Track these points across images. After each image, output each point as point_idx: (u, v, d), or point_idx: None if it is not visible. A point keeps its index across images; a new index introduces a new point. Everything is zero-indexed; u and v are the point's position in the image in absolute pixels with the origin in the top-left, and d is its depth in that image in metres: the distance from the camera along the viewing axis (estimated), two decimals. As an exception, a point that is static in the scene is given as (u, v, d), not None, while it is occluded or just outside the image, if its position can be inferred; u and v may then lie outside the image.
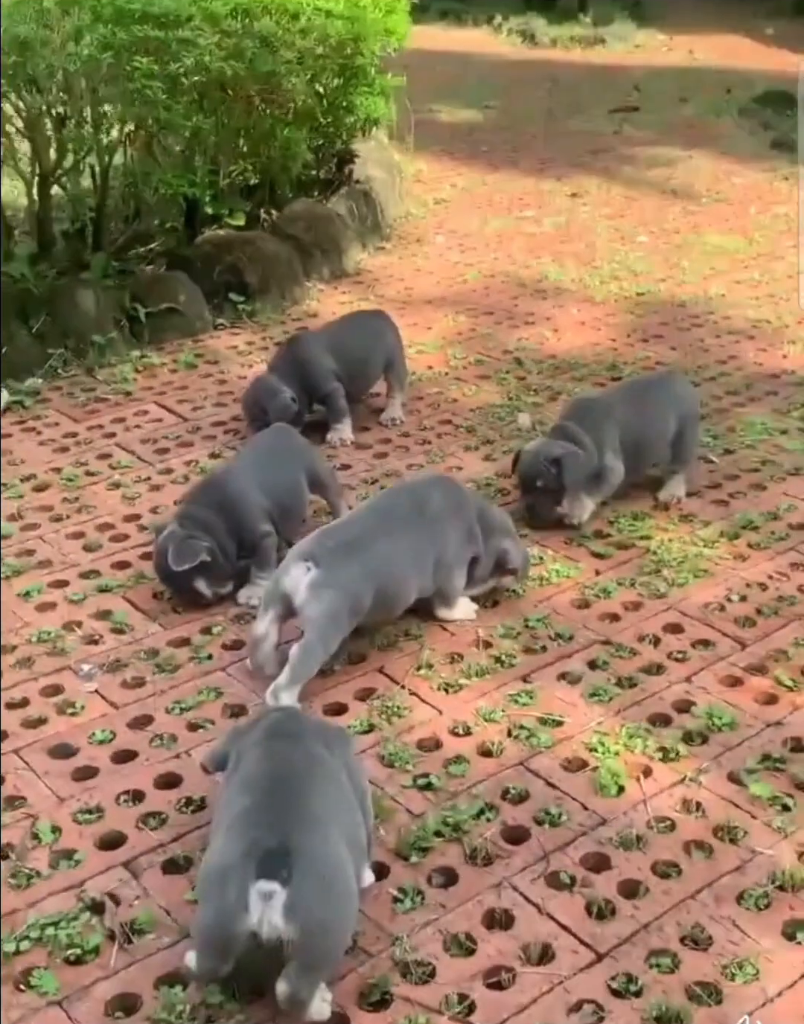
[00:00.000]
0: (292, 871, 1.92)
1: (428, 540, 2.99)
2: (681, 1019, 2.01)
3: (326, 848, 2.01)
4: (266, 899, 1.92)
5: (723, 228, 6.63)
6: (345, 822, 2.12)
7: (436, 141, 8.73)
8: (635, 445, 3.57)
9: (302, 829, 2.01)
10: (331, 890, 1.98)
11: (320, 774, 2.18)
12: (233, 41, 4.80)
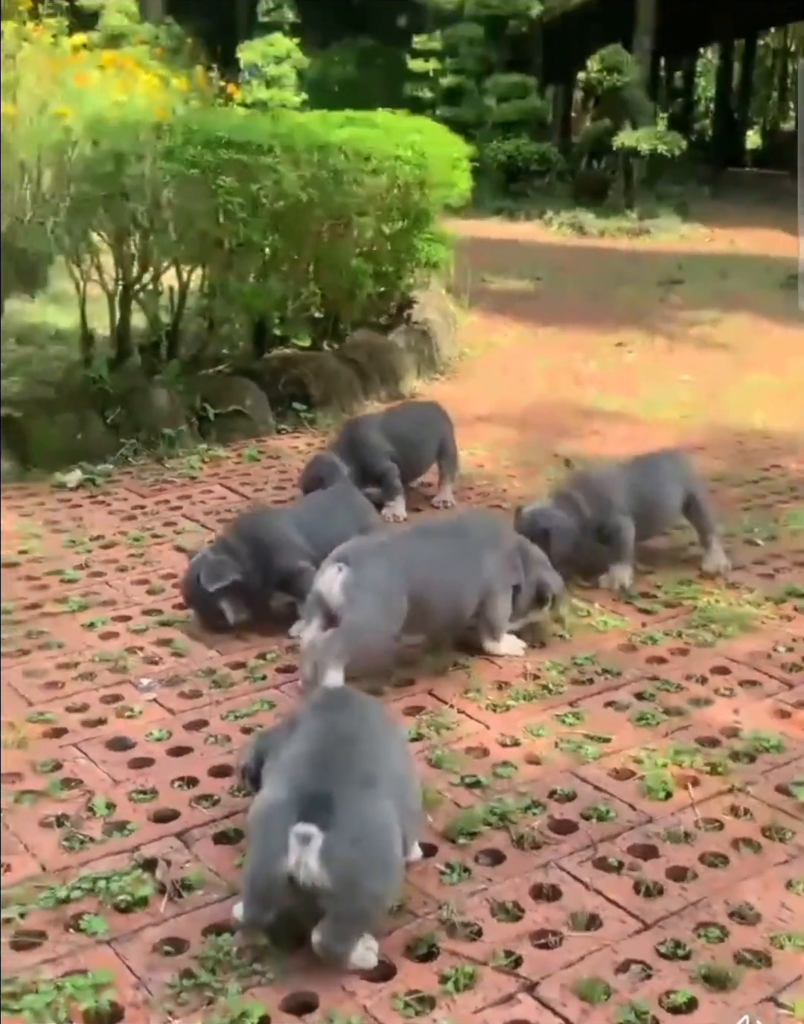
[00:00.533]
0: (332, 817, 1.96)
1: (468, 560, 3.10)
2: (731, 978, 2.00)
3: (370, 803, 2.04)
4: (304, 842, 1.96)
5: (761, 370, 6.93)
6: (395, 787, 2.15)
7: (489, 303, 9.25)
8: (638, 513, 3.68)
9: (348, 781, 2.05)
10: (370, 843, 2.00)
11: (373, 737, 2.25)
12: (309, 171, 5.26)
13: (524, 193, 18.88)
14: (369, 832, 2.01)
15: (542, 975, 2.02)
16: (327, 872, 1.95)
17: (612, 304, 9.39)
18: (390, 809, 2.06)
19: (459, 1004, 1.95)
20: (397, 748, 2.28)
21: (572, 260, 12.24)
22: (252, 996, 1.96)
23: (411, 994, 1.97)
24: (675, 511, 3.80)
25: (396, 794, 2.12)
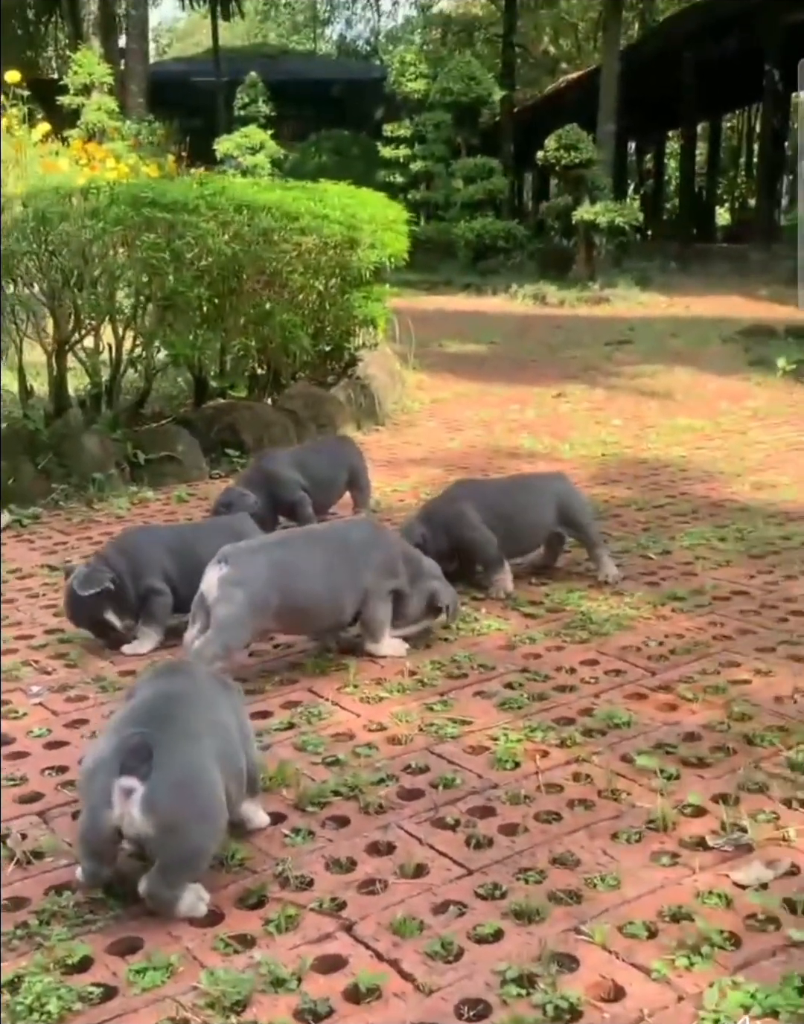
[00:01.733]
0: (151, 767, 2.04)
1: (345, 564, 3.24)
2: (539, 913, 2.09)
3: (191, 754, 2.13)
4: (127, 795, 2.04)
5: (693, 415, 7.13)
6: (220, 745, 2.21)
7: (440, 364, 9.54)
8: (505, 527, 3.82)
9: (169, 733, 2.13)
10: (191, 792, 2.08)
11: (199, 696, 2.31)
12: (234, 228, 5.52)
13: (493, 270, 19.41)
14: (188, 780, 2.10)
15: (361, 916, 2.11)
16: (149, 821, 2.04)
17: (559, 363, 9.66)
18: (212, 760, 2.16)
19: (278, 943, 2.04)
20: (227, 710, 2.37)
21: (529, 326, 12.58)
22: (80, 942, 2.05)
23: (234, 937, 2.06)
24: (544, 527, 3.93)
25: (223, 752, 2.22)
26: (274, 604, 3.08)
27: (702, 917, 2.05)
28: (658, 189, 36.14)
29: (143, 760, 2.06)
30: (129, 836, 2.09)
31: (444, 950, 2.00)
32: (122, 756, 2.08)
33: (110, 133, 20.25)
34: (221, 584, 3.03)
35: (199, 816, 2.11)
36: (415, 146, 22.71)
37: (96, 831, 2.11)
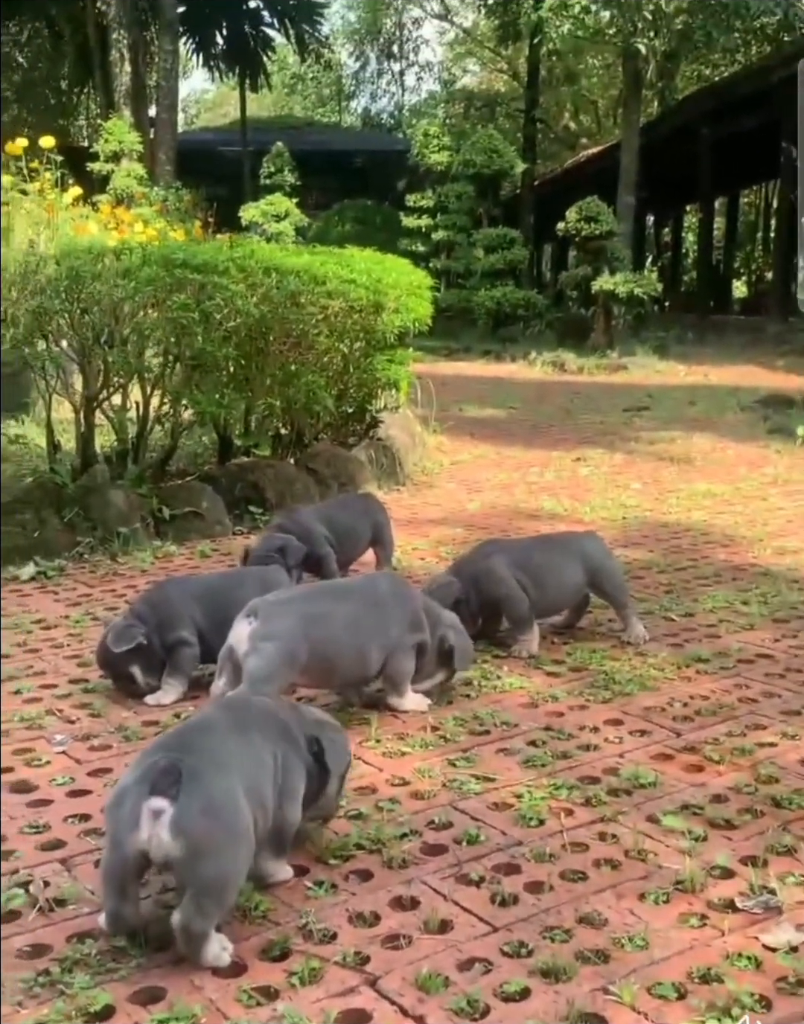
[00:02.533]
0: (180, 789, 2.04)
1: (373, 618, 3.25)
2: (566, 972, 2.07)
3: (221, 779, 2.12)
4: (156, 816, 2.04)
5: (712, 480, 7.16)
6: (251, 781, 2.20)
7: (460, 427, 9.62)
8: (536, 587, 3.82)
9: (200, 758, 2.14)
10: (220, 815, 2.08)
11: (235, 731, 2.30)
12: (262, 290, 5.62)
13: (512, 338, 19.63)
14: (217, 804, 2.09)
15: (386, 971, 2.09)
16: (178, 843, 2.03)
17: (578, 427, 9.73)
18: (240, 790, 2.15)
19: (301, 996, 2.02)
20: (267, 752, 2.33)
21: (547, 392, 12.68)
22: (102, 990, 2.03)
23: (257, 988, 2.04)
24: (575, 586, 3.94)
25: (253, 783, 2.20)
26: (303, 658, 3.09)
27: (732, 979, 2.03)
28: (676, 261, 36.61)
29: (173, 782, 2.06)
30: (157, 860, 2.08)
31: (470, 1007, 1.97)
32: (152, 778, 2.08)
33: (138, 199, 20.68)
34: (251, 638, 3.04)
35: (227, 840, 2.10)
36: (437, 216, 23.11)
37: (121, 857, 2.10)
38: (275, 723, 2.42)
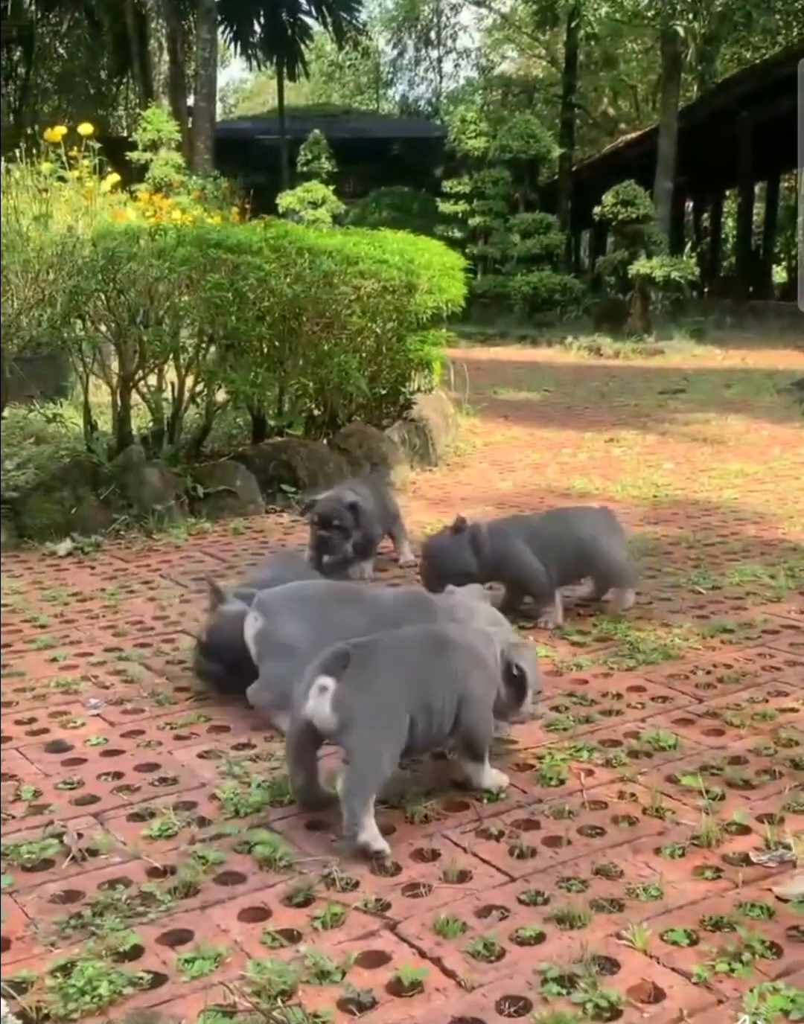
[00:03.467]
0: (346, 672, 2.38)
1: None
2: (581, 919, 2.12)
3: (383, 671, 2.45)
4: (321, 691, 2.37)
5: (745, 460, 7.15)
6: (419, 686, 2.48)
7: (494, 409, 9.65)
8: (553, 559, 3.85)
9: (372, 652, 2.47)
10: (374, 696, 2.40)
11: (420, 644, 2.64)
12: (296, 270, 5.68)
13: (548, 323, 19.58)
14: (373, 688, 2.40)
15: (405, 916, 2.15)
16: (335, 716, 2.36)
17: (612, 410, 9.72)
18: (401, 685, 2.44)
19: (323, 938, 2.09)
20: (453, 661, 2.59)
21: (582, 376, 12.67)
22: (131, 932, 2.11)
23: (281, 932, 2.11)
24: (579, 559, 3.95)
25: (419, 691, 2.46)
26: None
27: (744, 927, 2.07)
28: (715, 247, 36.27)
29: (341, 665, 2.39)
30: (322, 730, 2.41)
31: (486, 950, 2.03)
32: (325, 661, 2.41)
33: (176, 187, 20.81)
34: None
35: (377, 719, 2.39)
36: (474, 202, 23.06)
37: (295, 727, 2.46)
38: (462, 643, 2.67)
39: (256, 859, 2.36)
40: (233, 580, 4.50)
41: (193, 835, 2.46)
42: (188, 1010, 1.87)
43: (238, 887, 2.27)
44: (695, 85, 35.14)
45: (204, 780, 2.75)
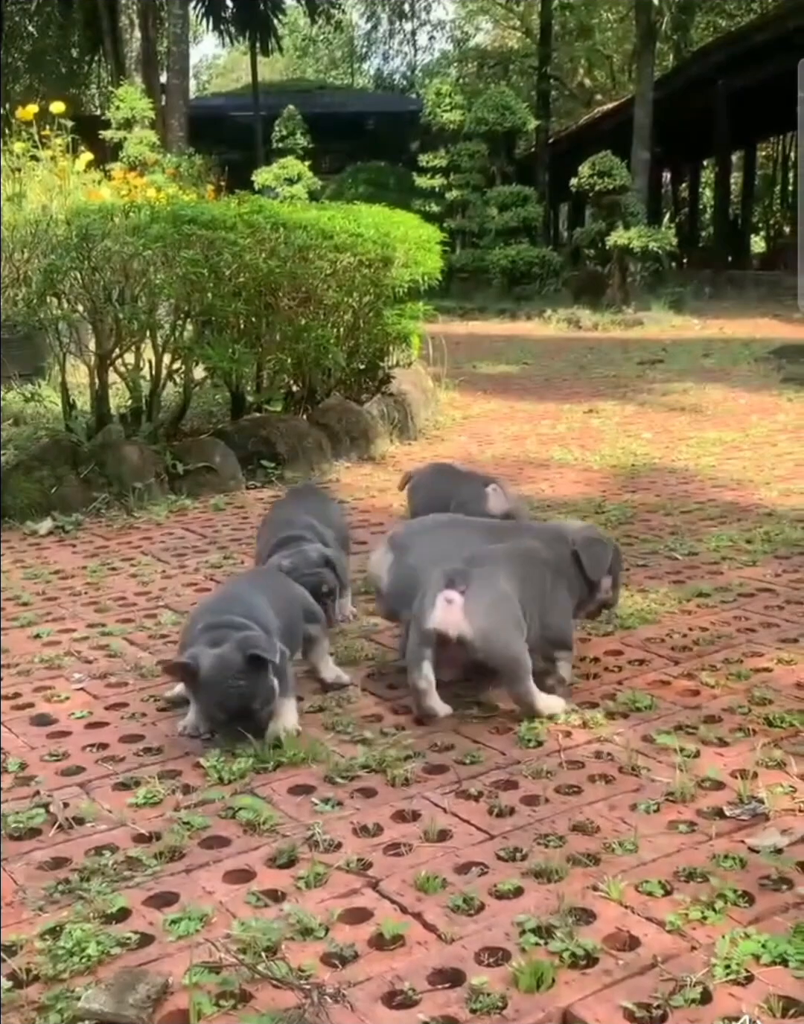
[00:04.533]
0: (469, 587, 2.72)
1: None
2: (558, 873, 2.17)
3: (501, 584, 2.81)
4: (449, 603, 2.70)
5: (723, 428, 7.20)
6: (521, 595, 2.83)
7: (473, 383, 9.67)
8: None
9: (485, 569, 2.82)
10: (499, 607, 2.76)
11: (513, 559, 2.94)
12: (271, 245, 5.68)
13: (527, 296, 19.57)
14: (496, 600, 2.76)
15: (387, 875, 2.20)
16: (468, 625, 2.70)
17: (590, 381, 9.76)
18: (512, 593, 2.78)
19: (307, 897, 2.13)
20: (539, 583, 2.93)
21: (561, 348, 12.69)
22: (118, 895, 2.15)
23: (265, 892, 2.15)
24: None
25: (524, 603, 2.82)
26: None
27: (717, 877, 2.12)
28: (693, 217, 36.25)
29: (464, 582, 2.74)
30: (452, 637, 2.72)
31: (466, 904, 2.08)
32: (448, 576, 2.75)
33: (151, 165, 20.65)
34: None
35: (505, 625, 2.75)
36: (450, 176, 22.97)
37: (420, 633, 2.76)
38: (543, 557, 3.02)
39: (240, 823, 2.40)
40: (215, 555, 4.54)
41: (178, 802, 2.50)
42: (175, 968, 1.91)
43: (223, 850, 2.31)
44: (671, 54, 35.04)
45: (188, 749, 2.79)
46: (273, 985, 1.85)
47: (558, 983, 1.84)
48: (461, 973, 1.88)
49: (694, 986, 1.81)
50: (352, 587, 3.87)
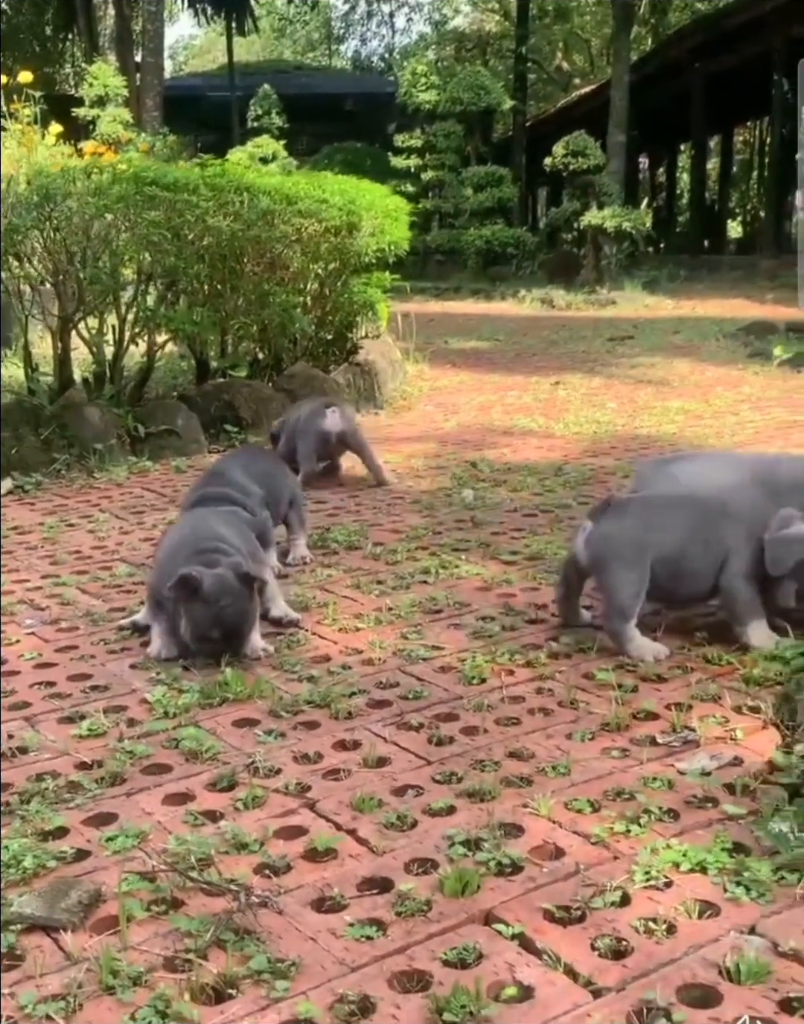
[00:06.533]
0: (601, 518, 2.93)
1: None
2: (491, 794, 2.21)
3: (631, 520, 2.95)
4: (583, 531, 2.95)
5: (687, 398, 7.25)
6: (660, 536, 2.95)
7: (443, 357, 9.69)
8: None
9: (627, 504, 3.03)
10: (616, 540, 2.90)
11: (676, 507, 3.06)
12: (234, 209, 5.68)
13: (502, 277, 19.58)
14: (616, 533, 2.90)
15: (324, 797, 2.23)
16: (585, 552, 2.93)
17: (560, 356, 9.80)
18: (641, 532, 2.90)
19: (244, 817, 2.17)
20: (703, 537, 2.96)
21: (533, 326, 12.73)
22: (57, 814, 2.18)
23: (203, 812, 2.19)
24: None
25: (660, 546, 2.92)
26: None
27: (644, 796, 2.17)
28: (670, 202, 36.29)
29: (601, 512, 2.95)
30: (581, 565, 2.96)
31: (399, 821, 2.12)
32: (593, 507, 3.10)
33: (124, 144, 20.51)
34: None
35: (617, 559, 2.88)
36: (426, 156, 22.91)
37: (566, 559, 3.08)
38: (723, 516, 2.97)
39: (183, 752, 2.44)
40: (174, 513, 4.56)
41: (121, 732, 2.53)
42: (110, 879, 1.94)
43: (164, 776, 2.34)
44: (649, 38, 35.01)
45: (135, 687, 2.82)
46: (205, 892, 1.89)
47: (483, 889, 1.88)
48: (390, 881, 1.92)
49: (614, 890, 1.86)
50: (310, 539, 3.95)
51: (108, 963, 1.68)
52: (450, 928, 1.79)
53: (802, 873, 1.87)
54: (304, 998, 1.62)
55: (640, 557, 2.87)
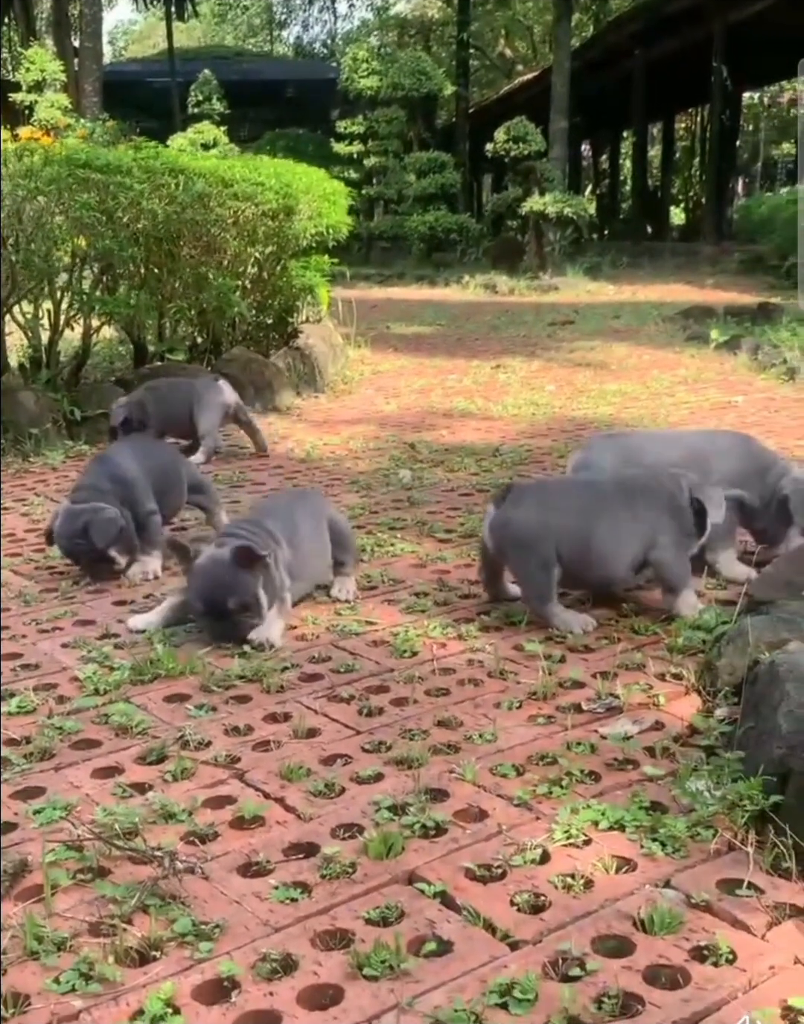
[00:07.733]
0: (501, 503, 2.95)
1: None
2: (418, 761, 2.24)
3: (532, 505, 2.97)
4: (488, 517, 2.99)
5: (624, 381, 7.34)
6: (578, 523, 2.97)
7: (385, 342, 9.71)
8: None
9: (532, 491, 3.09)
10: (516, 526, 2.92)
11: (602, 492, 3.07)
12: (168, 191, 5.65)
13: (447, 263, 19.61)
14: (517, 519, 2.92)
15: (253, 767, 2.26)
16: (491, 537, 2.98)
17: (501, 340, 9.85)
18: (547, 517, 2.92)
19: (172, 788, 2.18)
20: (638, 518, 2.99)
21: (476, 311, 12.78)
22: (-15, 791, 2.18)
23: (132, 784, 2.20)
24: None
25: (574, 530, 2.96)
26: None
27: (567, 760, 2.22)
28: (614, 189, 36.52)
29: (502, 498, 2.97)
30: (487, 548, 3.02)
31: (327, 789, 2.15)
32: (495, 492, 3.19)
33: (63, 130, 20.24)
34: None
35: (519, 545, 2.93)
36: (368, 142, 22.86)
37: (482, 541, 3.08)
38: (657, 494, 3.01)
39: (112, 727, 2.44)
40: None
41: (51, 709, 2.53)
42: (36, 850, 1.94)
43: (92, 751, 2.35)
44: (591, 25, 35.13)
45: (66, 665, 2.82)
46: (131, 860, 1.91)
47: (407, 851, 1.91)
48: (316, 846, 1.95)
49: (534, 849, 1.90)
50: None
51: (32, 929, 1.69)
52: (373, 888, 1.82)
53: (716, 829, 1.93)
54: (227, 958, 1.64)
55: (541, 541, 2.90)
